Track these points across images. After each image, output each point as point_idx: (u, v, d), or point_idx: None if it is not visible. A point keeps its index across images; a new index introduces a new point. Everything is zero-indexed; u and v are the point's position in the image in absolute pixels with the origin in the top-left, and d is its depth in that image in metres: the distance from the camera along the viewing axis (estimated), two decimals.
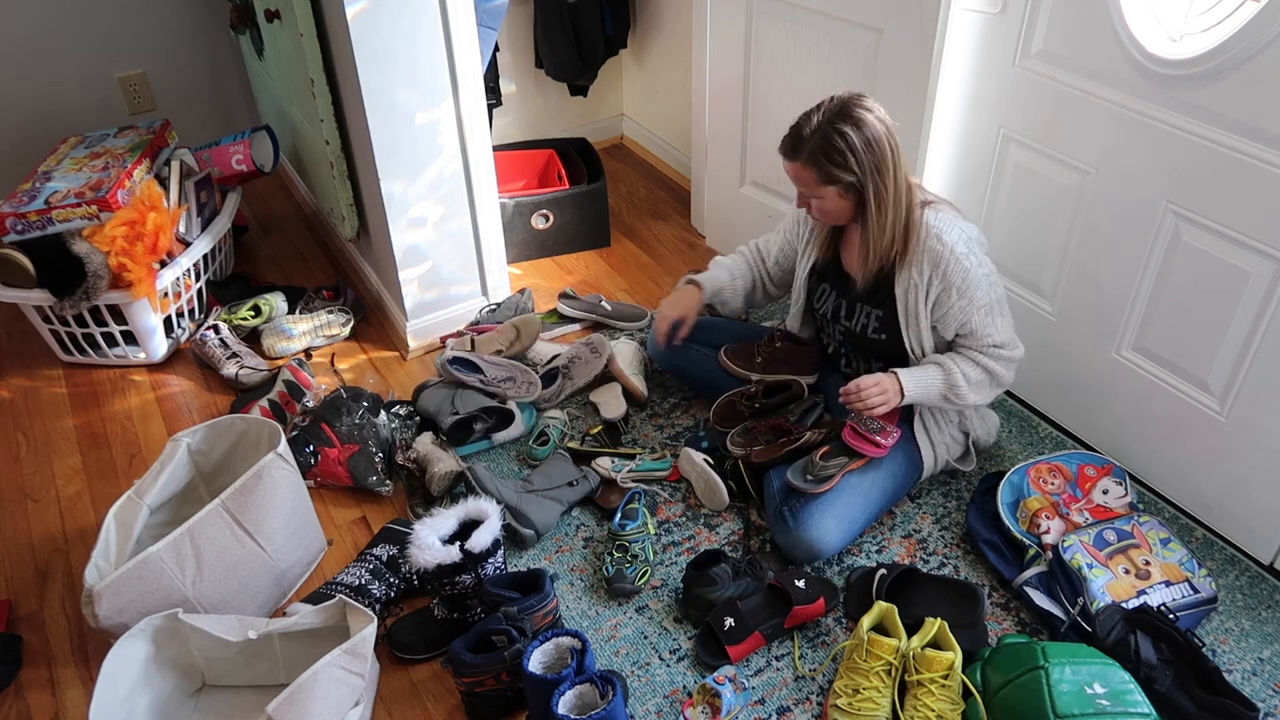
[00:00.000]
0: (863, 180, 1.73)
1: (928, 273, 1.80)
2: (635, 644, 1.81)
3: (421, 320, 2.57)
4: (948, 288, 1.80)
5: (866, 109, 1.72)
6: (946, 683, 1.59)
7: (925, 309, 1.84)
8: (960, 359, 1.86)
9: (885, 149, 1.72)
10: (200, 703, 1.72)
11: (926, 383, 1.86)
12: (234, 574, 1.77)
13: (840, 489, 1.88)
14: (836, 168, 1.73)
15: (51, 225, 2.34)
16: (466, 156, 2.38)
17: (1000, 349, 1.85)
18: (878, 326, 1.93)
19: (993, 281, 1.82)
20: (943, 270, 1.78)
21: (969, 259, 1.78)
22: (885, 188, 1.74)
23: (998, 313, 1.83)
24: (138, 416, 2.43)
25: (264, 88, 3.14)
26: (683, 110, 3.18)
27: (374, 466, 2.12)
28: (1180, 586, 1.77)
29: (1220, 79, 1.66)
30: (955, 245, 1.77)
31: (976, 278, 1.78)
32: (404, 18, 2.11)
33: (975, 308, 1.80)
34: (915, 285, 1.82)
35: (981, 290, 1.79)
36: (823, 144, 1.72)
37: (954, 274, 1.78)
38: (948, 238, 1.78)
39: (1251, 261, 1.72)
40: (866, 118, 1.71)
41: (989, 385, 1.87)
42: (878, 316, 1.93)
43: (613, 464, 2.12)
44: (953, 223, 1.80)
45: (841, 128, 1.70)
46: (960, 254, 1.77)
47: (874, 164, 1.72)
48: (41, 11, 2.97)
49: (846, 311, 1.99)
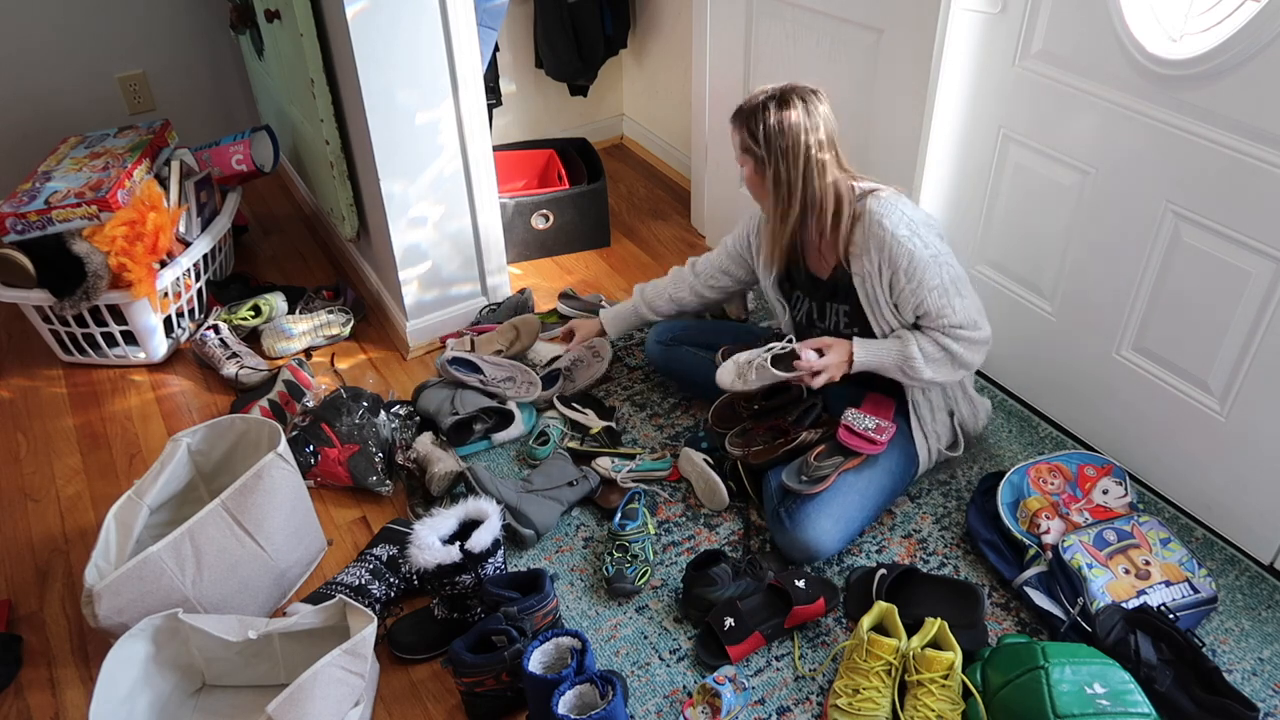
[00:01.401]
0: (766, 160, 1.80)
1: (876, 259, 1.82)
2: (635, 644, 1.81)
3: (421, 320, 2.57)
4: (895, 271, 1.81)
5: (802, 99, 1.79)
6: (946, 683, 1.59)
7: (884, 294, 1.85)
8: (920, 335, 1.86)
9: (797, 139, 1.78)
10: (200, 703, 1.72)
11: (879, 352, 1.87)
12: (234, 574, 1.77)
13: (836, 489, 1.88)
14: (750, 139, 1.81)
15: (51, 225, 2.34)
16: (466, 156, 2.38)
17: (960, 329, 1.83)
18: (847, 321, 1.95)
19: (943, 262, 1.81)
20: (888, 255, 1.80)
21: (912, 240, 1.78)
22: (787, 173, 1.80)
23: (954, 293, 1.82)
24: (138, 416, 2.43)
25: (264, 88, 3.14)
26: (683, 110, 3.18)
27: (374, 466, 2.12)
28: (1180, 586, 1.77)
29: (1220, 79, 1.66)
30: (896, 229, 1.78)
31: (922, 259, 1.79)
32: (404, 18, 2.11)
33: (926, 289, 1.80)
34: (869, 274, 1.84)
35: (930, 271, 1.79)
36: (749, 114, 1.81)
37: (899, 257, 1.79)
38: (888, 222, 1.79)
39: (1251, 261, 1.72)
40: (794, 105, 1.78)
41: (948, 363, 1.86)
42: (845, 311, 1.94)
43: (613, 464, 2.13)
44: (893, 206, 1.81)
45: (768, 105, 1.79)
46: (902, 236, 1.78)
47: (781, 149, 1.79)
48: (41, 11, 2.97)
49: (818, 314, 2.01)
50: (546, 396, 2.34)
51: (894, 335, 1.89)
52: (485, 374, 2.31)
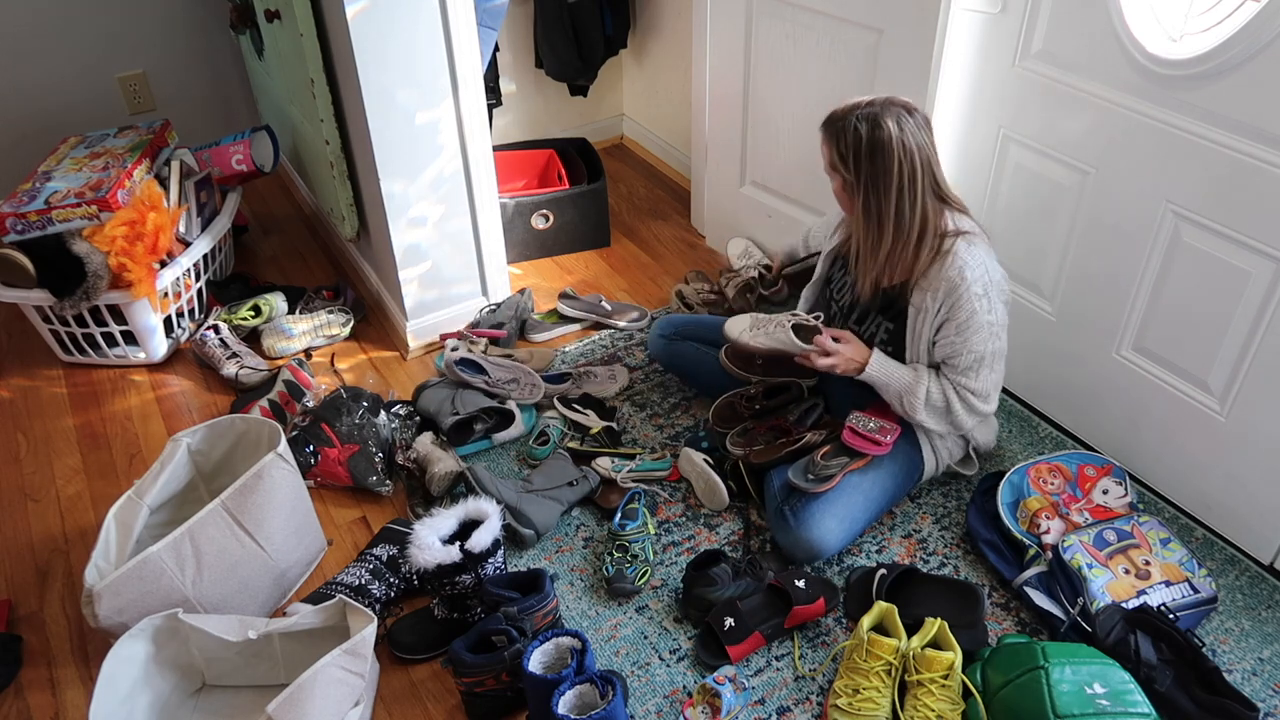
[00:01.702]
0: (856, 186, 1.73)
1: (941, 300, 1.78)
2: (635, 644, 1.81)
3: (421, 320, 2.57)
4: (950, 320, 1.78)
5: (895, 120, 1.67)
6: (946, 683, 1.59)
7: (929, 332, 1.82)
8: (934, 379, 1.85)
9: (891, 164, 1.68)
10: (200, 703, 1.72)
11: (893, 372, 1.86)
12: (234, 574, 1.77)
13: (841, 488, 1.88)
14: (839, 158, 1.73)
15: (51, 225, 2.34)
16: (466, 156, 2.38)
17: (973, 396, 1.83)
18: (886, 339, 1.91)
19: (996, 333, 1.78)
20: (953, 303, 1.76)
21: (981, 301, 1.75)
22: (880, 201, 1.71)
23: (987, 365, 1.81)
24: (138, 416, 2.43)
25: (264, 88, 3.14)
26: (683, 110, 3.18)
27: (374, 466, 2.12)
28: (1180, 586, 1.77)
29: (1220, 79, 1.66)
30: (973, 285, 1.74)
31: (981, 322, 1.76)
32: (404, 18, 2.11)
33: (967, 349, 1.78)
34: (926, 310, 1.80)
35: (980, 336, 1.77)
36: (839, 129, 1.71)
37: (961, 311, 1.76)
38: (969, 274, 1.74)
39: (1251, 261, 1.72)
40: (888, 126, 1.66)
41: (944, 415, 1.86)
42: (888, 329, 1.91)
43: (613, 464, 2.13)
44: (981, 261, 1.76)
45: (860, 122, 1.68)
46: (975, 294, 1.74)
47: (870, 174, 1.70)
48: (42, 11, 2.97)
49: (859, 316, 1.97)
50: (552, 393, 2.34)
51: (912, 366, 1.87)
52: (490, 375, 2.31)
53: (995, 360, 1.82)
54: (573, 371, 2.39)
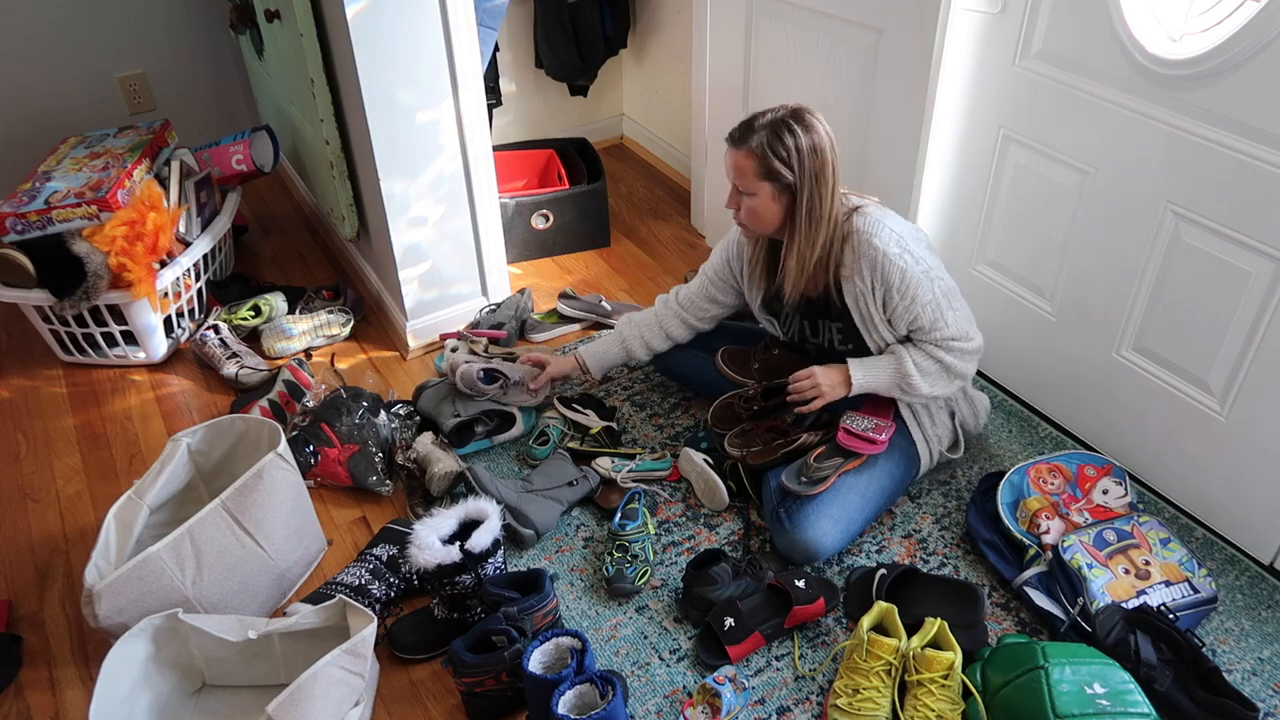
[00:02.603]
0: (799, 183, 1.76)
1: (868, 276, 1.81)
2: (635, 644, 1.81)
3: (421, 320, 2.57)
4: (889, 289, 1.81)
5: (817, 119, 1.76)
6: (946, 683, 1.59)
7: (877, 311, 1.85)
8: (913, 349, 1.87)
9: (827, 159, 1.75)
10: (200, 703, 1.72)
11: (877, 371, 1.89)
12: (234, 574, 1.78)
13: (836, 490, 1.88)
14: (779, 162, 1.75)
15: (51, 225, 2.34)
16: (466, 156, 2.38)
17: (953, 341, 1.84)
18: (841, 338, 1.95)
19: (934, 276, 1.82)
20: (879, 273, 1.80)
21: (903, 258, 1.78)
22: (820, 198, 1.77)
23: (946, 306, 1.83)
24: (138, 416, 2.43)
25: (264, 88, 3.14)
26: (683, 110, 3.18)
27: (374, 466, 2.12)
28: (1180, 586, 1.77)
29: (1220, 79, 1.66)
30: (886, 247, 1.78)
31: (914, 276, 1.79)
32: (404, 18, 2.11)
33: (920, 305, 1.81)
34: (862, 292, 1.84)
35: (923, 287, 1.80)
36: (771, 137, 1.74)
37: (891, 275, 1.79)
38: (878, 241, 1.78)
39: (1251, 261, 1.72)
40: (816, 125, 1.75)
41: (944, 376, 1.87)
42: (838, 329, 1.95)
43: (613, 464, 2.13)
44: (880, 223, 1.81)
45: (793, 126, 1.74)
46: (893, 254, 1.78)
47: (814, 170, 1.75)
48: (41, 11, 2.97)
49: (811, 330, 2.01)
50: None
51: (888, 352, 1.90)
52: (510, 376, 2.27)
53: (950, 298, 1.84)
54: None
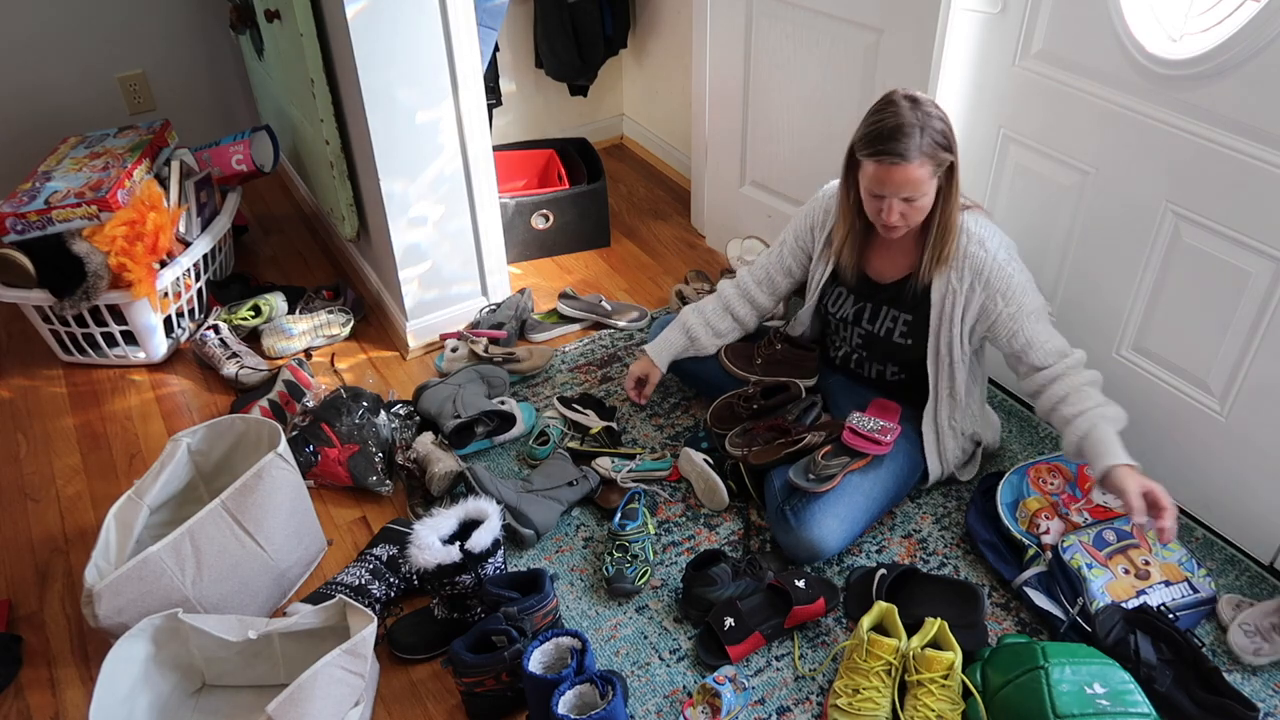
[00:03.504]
0: (956, 162, 1.70)
1: (969, 279, 1.78)
2: (635, 644, 1.81)
3: (421, 320, 2.57)
4: (992, 295, 1.77)
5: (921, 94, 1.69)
6: (946, 683, 1.59)
7: (960, 316, 1.82)
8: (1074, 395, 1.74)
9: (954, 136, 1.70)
10: (200, 703, 1.72)
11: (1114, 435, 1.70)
12: (234, 574, 1.78)
13: (842, 489, 1.88)
14: (944, 151, 1.67)
15: (51, 225, 2.34)
16: (466, 156, 2.38)
17: (1067, 356, 1.78)
18: (905, 331, 1.91)
19: (1035, 288, 1.80)
20: (985, 278, 1.76)
21: (1010, 265, 1.77)
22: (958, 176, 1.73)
23: (1043, 319, 1.79)
24: (138, 416, 2.43)
25: (264, 88, 3.14)
26: (683, 110, 3.18)
27: (374, 466, 2.12)
28: (1180, 586, 1.77)
29: (1220, 79, 1.66)
30: (997, 253, 1.76)
31: (1020, 285, 1.77)
32: (404, 18, 2.11)
33: (1024, 314, 1.77)
34: (954, 291, 1.80)
35: (1028, 296, 1.78)
36: (930, 134, 1.65)
37: (998, 281, 1.76)
38: (990, 244, 1.76)
39: (1251, 261, 1.72)
40: (929, 101, 1.68)
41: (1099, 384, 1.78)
42: (905, 321, 1.90)
43: (613, 464, 2.13)
44: (993, 229, 1.79)
45: (930, 111, 1.66)
46: (1002, 260, 1.76)
47: (954, 141, 1.70)
48: (41, 11, 2.97)
49: (870, 315, 1.96)
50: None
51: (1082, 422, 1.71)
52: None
53: (1043, 312, 1.80)
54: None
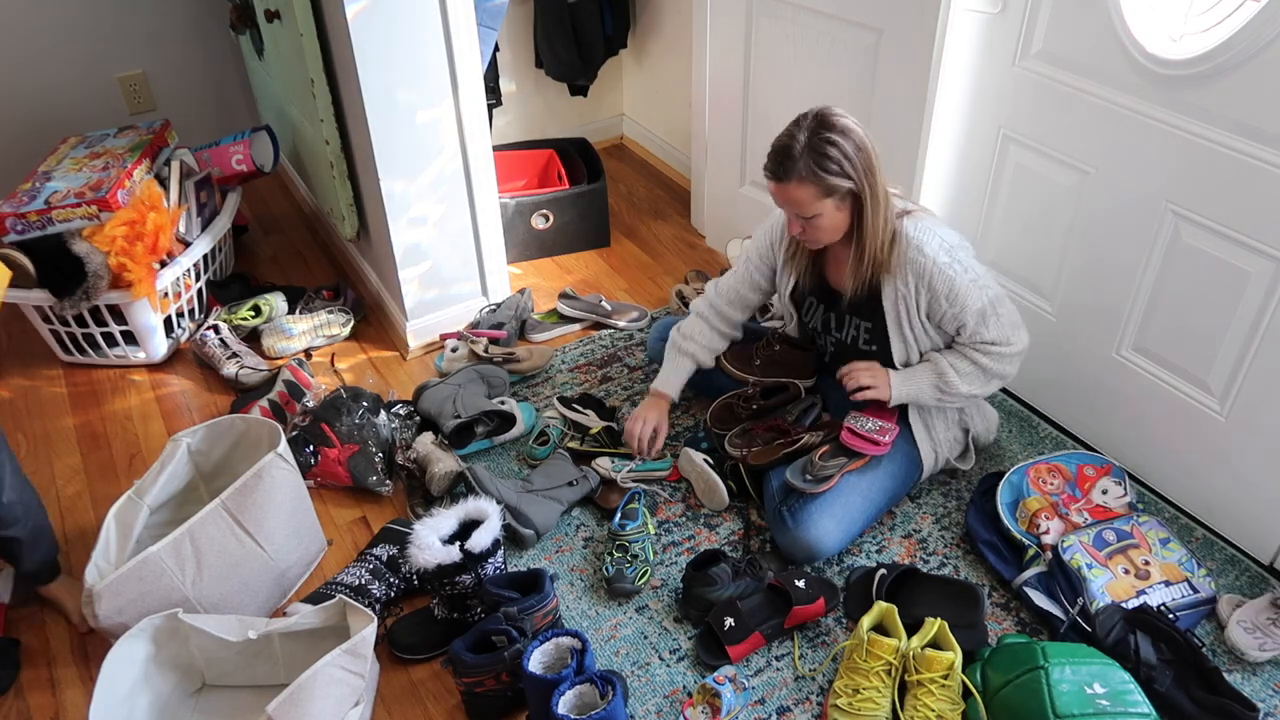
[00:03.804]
0: (859, 184, 1.72)
1: (913, 283, 1.80)
2: (635, 644, 1.81)
3: (421, 320, 2.57)
4: (935, 297, 1.80)
5: (843, 116, 1.70)
6: (946, 683, 1.59)
7: (918, 316, 1.84)
8: (949, 352, 1.88)
9: (870, 150, 1.71)
10: (200, 703, 1.72)
11: (917, 379, 1.88)
12: (234, 574, 1.78)
13: (839, 489, 1.88)
14: (834, 176, 1.69)
15: (51, 225, 2.34)
16: (466, 156, 2.38)
17: (993, 345, 1.83)
18: (867, 338, 1.94)
19: (983, 285, 1.80)
20: (928, 282, 1.78)
21: (952, 268, 1.77)
22: (876, 190, 1.74)
23: (991, 314, 1.81)
24: (138, 416, 2.43)
25: (264, 88, 3.14)
26: (683, 110, 3.18)
27: (374, 466, 2.12)
28: (1180, 586, 1.77)
29: (1220, 79, 1.66)
30: (936, 256, 1.77)
31: (963, 285, 1.78)
32: (404, 18, 2.11)
33: (968, 313, 1.80)
34: (904, 296, 1.83)
35: (972, 296, 1.79)
36: (815, 157, 1.68)
37: (939, 284, 1.78)
38: (928, 249, 1.77)
39: (1251, 261, 1.72)
40: (848, 124, 1.70)
41: (980, 376, 1.86)
42: (866, 328, 1.93)
43: (613, 464, 2.12)
44: (932, 231, 1.79)
45: (829, 136, 1.68)
46: (943, 264, 1.77)
47: (866, 167, 1.71)
48: (41, 11, 2.97)
49: (836, 324, 2.00)
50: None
51: (925, 360, 1.89)
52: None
53: (997, 306, 1.82)
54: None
